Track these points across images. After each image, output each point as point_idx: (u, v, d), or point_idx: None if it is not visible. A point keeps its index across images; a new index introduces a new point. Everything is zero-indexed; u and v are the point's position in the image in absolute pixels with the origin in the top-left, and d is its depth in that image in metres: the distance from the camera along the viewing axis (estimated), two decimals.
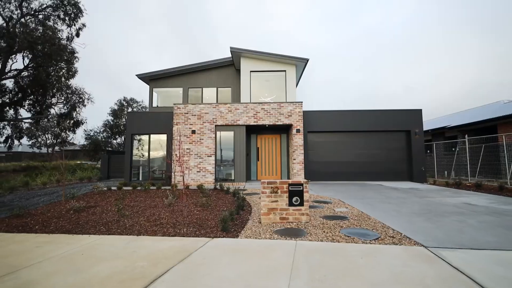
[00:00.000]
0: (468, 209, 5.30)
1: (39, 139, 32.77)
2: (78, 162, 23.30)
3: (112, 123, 31.84)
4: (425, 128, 15.59)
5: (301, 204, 4.42)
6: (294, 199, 4.42)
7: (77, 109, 22.29)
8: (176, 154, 9.49)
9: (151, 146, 11.26)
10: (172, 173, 9.34)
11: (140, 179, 11.20)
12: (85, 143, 29.81)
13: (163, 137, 11.07)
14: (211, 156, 10.17)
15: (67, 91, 21.92)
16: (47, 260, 3.10)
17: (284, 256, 2.99)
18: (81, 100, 22.50)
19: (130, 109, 32.86)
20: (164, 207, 5.85)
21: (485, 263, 2.68)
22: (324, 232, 3.89)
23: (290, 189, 4.46)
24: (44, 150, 34.69)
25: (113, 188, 8.76)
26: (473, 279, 2.33)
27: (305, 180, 4.65)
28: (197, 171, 10.05)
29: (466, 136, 10.13)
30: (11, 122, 18.02)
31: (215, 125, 10.36)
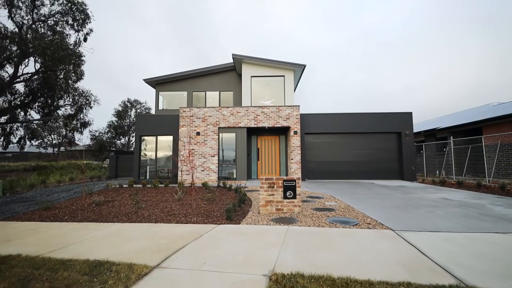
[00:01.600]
0: (443, 203, 6.01)
1: (45, 140, 33.72)
2: (85, 162, 24.06)
3: (116, 123, 32.68)
4: (418, 129, 16.31)
5: (294, 197, 5.15)
6: (288, 193, 5.15)
7: (84, 111, 23.16)
8: (182, 154, 10.23)
9: (158, 147, 12.01)
10: (179, 172, 10.08)
11: (148, 177, 11.96)
12: (90, 143, 30.70)
13: (169, 138, 11.81)
14: (214, 156, 10.92)
15: (74, 93, 22.76)
16: (86, 240, 3.85)
17: (277, 236, 3.72)
18: (87, 102, 23.34)
19: (134, 110, 33.72)
20: (174, 201, 6.60)
21: (435, 240, 3.40)
22: (312, 220, 4.61)
23: (284, 184, 5.19)
24: (49, 150, 35.62)
25: (124, 185, 9.52)
26: (419, 249, 3.06)
27: (297, 177, 5.37)
28: (202, 170, 10.80)
29: (451, 137, 10.83)
30: (24, 124, 18.83)
31: (218, 127, 11.11)
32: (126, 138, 34.01)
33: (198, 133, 11.05)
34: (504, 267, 2.54)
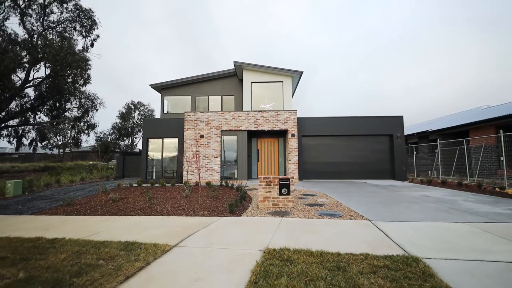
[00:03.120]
0: (422, 200, 6.72)
1: (51, 141, 34.60)
2: (94, 162, 24.85)
3: (120, 125, 33.51)
4: (411, 131, 17.01)
5: (288, 193, 5.89)
6: (283, 190, 5.89)
7: (90, 113, 24.01)
8: (187, 156, 10.99)
9: (164, 149, 12.78)
10: (185, 172, 10.84)
11: (154, 177, 12.72)
12: (95, 144, 31.55)
13: (175, 140, 12.59)
14: (217, 158, 11.67)
15: (81, 96, 23.59)
16: (112, 229, 4.59)
17: (272, 225, 4.45)
18: (93, 105, 24.19)
19: (137, 112, 34.56)
20: (182, 198, 7.35)
21: (402, 228, 4.13)
22: (303, 213, 5.34)
23: (280, 182, 5.93)
24: (55, 151, 36.46)
25: (134, 185, 10.28)
26: (386, 234, 3.78)
27: (292, 176, 6.10)
28: (205, 170, 11.55)
29: (438, 140, 11.53)
30: (35, 126, 19.63)
31: (221, 130, 11.87)
32: (130, 139, 34.85)
33: (202, 136, 11.81)
34: (446, 245, 3.26)
